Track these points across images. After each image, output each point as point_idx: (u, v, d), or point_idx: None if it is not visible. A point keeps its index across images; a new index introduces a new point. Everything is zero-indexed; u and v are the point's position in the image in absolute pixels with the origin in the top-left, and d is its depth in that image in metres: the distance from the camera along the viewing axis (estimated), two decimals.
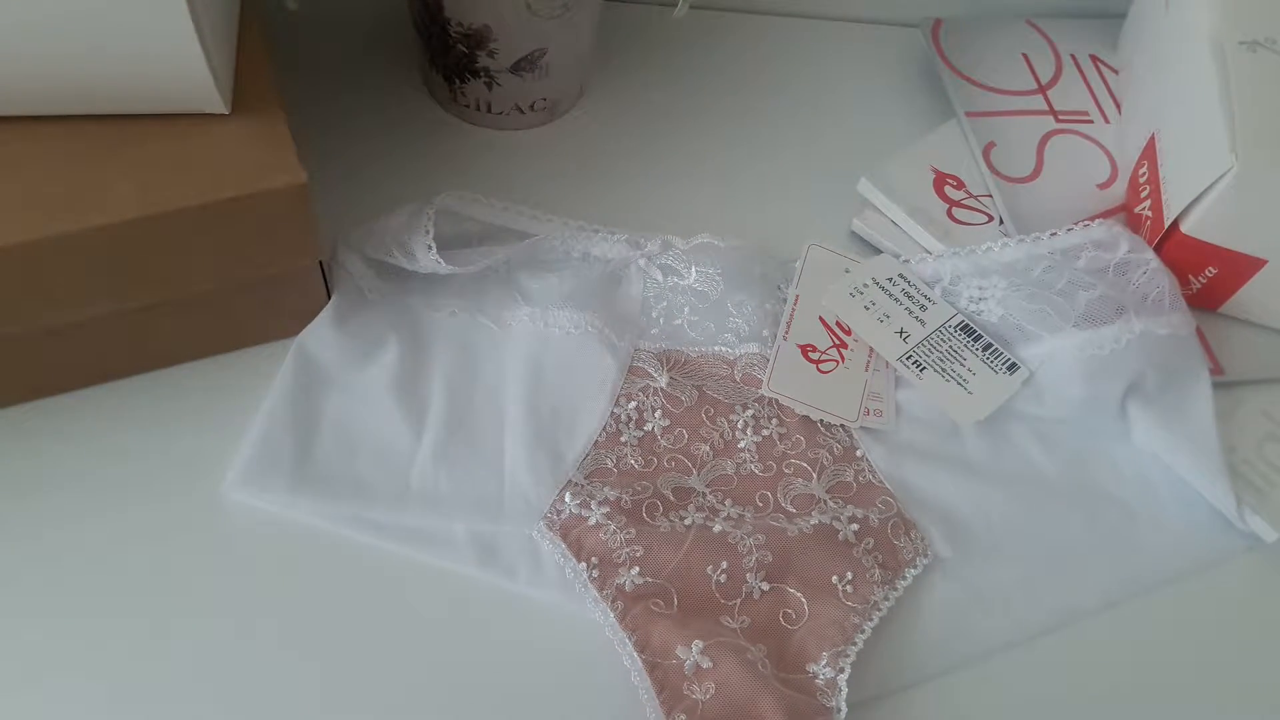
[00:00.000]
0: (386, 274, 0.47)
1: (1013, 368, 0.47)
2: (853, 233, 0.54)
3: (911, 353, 0.47)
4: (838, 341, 0.48)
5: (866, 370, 0.47)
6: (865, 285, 0.49)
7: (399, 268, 0.46)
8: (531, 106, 0.55)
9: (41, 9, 0.35)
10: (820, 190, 0.55)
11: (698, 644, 0.39)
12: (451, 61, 0.53)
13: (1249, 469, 0.46)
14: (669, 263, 0.49)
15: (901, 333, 0.48)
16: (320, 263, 0.44)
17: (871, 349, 0.48)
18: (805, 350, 0.47)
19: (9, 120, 0.38)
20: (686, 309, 0.49)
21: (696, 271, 0.49)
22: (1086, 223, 0.49)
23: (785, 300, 0.49)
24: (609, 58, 0.60)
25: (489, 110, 0.55)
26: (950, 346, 0.47)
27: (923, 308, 0.49)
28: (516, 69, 0.52)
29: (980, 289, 0.49)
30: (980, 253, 0.49)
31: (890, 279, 0.49)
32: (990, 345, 0.47)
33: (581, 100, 0.58)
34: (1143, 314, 0.45)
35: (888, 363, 0.47)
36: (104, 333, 0.43)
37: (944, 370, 0.47)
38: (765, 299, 0.49)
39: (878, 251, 0.53)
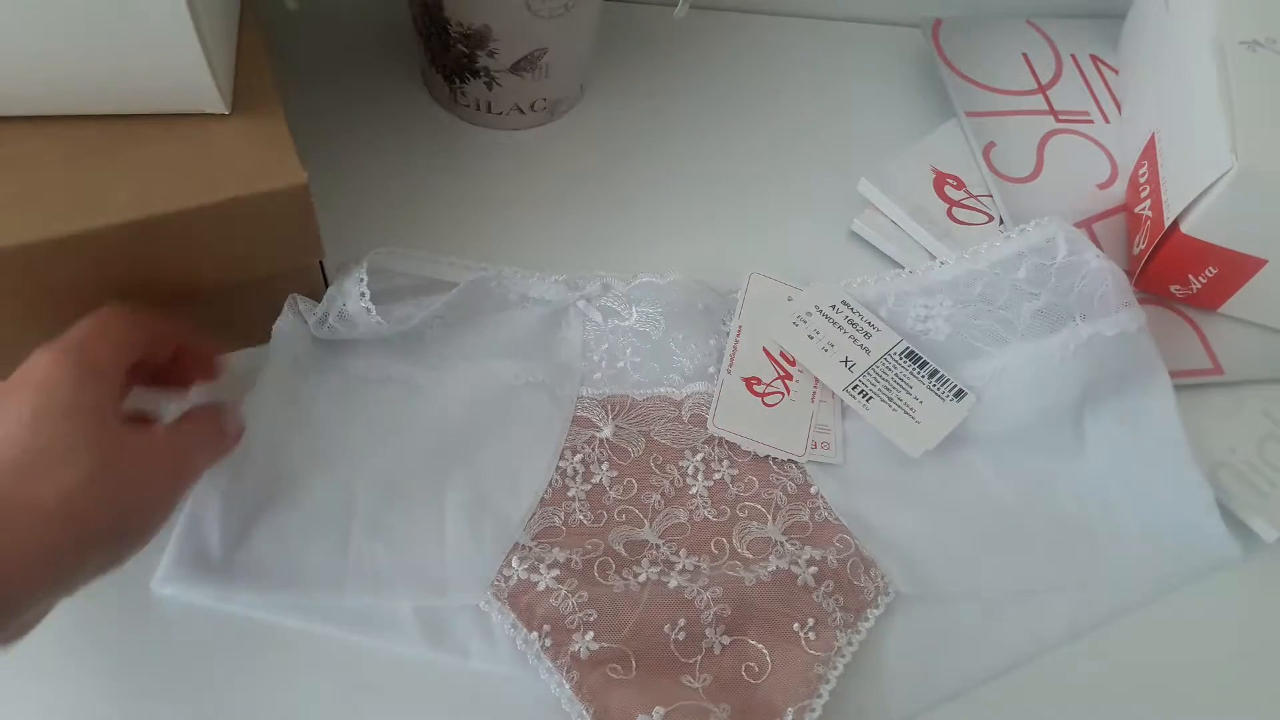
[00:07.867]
0: (319, 340, 0.45)
1: (959, 394, 0.45)
2: (853, 233, 0.54)
3: (858, 382, 0.46)
4: (783, 373, 0.47)
5: (813, 402, 0.46)
6: (808, 313, 0.48)
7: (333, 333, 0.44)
8: (531, 106, 0.55)
9: (42, 9, 0.35)
10: (820, 190, 0.55)
11: (658, 710, 0.37)
12: (451, 61, 0.53)
13: (1249, 469, 0.46)
14: (609, 304, 0.48)
15: (846, 361, 0.46)
16: (320, 262, 0.44)
17: (817, 379, 0.46)
18: (750, 383, 0.46)
19: (9, 120, 0.38)
20: (629, 350, 0.47)
21: (637, 312, 0.47)
22: (1024, 228, 0.48)
23: (729, 334, 0.47)
24: (609, 58, 0.60)
25: (489, 110, 0.55)
26: (896, 374, 0.46)
27: (867, 335, 0.47)
28: (516, 69, 0.52)
29: (925, 308, 0.48)
30: (921, 273, 0.49)
31: (834, 306, 0.48)
32: (936, 372, 0.46)
33: (581, 100, 0.58)
34: (1090, 317, 0.45)
35: (834, 393, 0.46)
36: None
37: (891, 399, 0.45)
38: (709, 334, 0.47)
39: (877, 251, 0.53)
